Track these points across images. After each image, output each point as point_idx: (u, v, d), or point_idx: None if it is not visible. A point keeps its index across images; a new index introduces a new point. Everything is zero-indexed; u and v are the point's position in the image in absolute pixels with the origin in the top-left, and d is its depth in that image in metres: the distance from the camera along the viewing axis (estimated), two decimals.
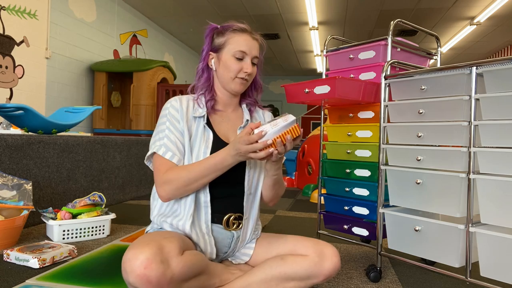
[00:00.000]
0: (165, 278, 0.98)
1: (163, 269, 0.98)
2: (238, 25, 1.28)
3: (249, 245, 1.33)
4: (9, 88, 3.84)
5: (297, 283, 1.19)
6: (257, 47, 1.29)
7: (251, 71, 1.26)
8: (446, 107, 1.30)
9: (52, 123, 2.53)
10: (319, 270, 1.18)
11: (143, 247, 0.99)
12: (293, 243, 1.25)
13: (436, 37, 1.83)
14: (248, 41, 1.26)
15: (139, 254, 0.97)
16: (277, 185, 1.29)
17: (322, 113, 1.89)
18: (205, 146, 1.22)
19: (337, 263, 1.20)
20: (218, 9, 6.01)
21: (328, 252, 1.20)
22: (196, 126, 1.25)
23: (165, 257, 1.00)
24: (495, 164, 1.15)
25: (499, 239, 1.13)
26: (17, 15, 3.87)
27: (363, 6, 5.71)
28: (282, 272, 1.18)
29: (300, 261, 1.19)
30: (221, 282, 1.20)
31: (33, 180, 2.21)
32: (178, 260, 1.02)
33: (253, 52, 1.26)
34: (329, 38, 1.87)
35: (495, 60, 1.16)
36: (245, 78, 1.26)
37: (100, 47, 5.28)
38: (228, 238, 1.26)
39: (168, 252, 1.01)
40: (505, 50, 7.90)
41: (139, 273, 0.95)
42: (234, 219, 1.26)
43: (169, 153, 1.19)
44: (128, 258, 0.98)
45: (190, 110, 1.27)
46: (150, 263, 0.96)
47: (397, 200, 1.47)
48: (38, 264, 1.52)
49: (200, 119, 1.26)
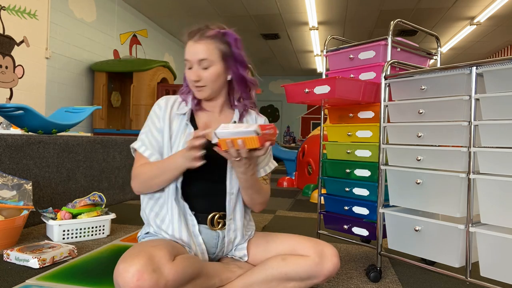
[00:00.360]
0: (159, 286, 0.97)
1: (156, 278, 0.97)
2: (189, 31, 1.25)
3: (242, 246, 1.32)
4: (9, 88, 3.84)
5: (298, 283, 1.20)
6: (202, 50, 1.20)
7: (194, 78, 1.22)
8: (446, 107, 1.30)
9: (52, 123, 2.53)
10: (319, 270, 1.18)
11: (133, 259, 0.98)
12: (293, 243, 1.25)
13: (436, 37, 1.83)
14: (189, 47, 1.22)
15: (129, 267, 0.96)
16: (250, 190, 1.24)
17: (322, 113, 1.89)
18: (183, 141, 1.23)
19: (337, 263, 1.20)
20: (218, 9, 6.01)
21: (329, 253, 1.20)
22: (178, 123, 1.27)
23: (156, 265, 0.99)
24: (495, 164, 1.15)
25: (499, 239, 1.13)
26: (17, 15, 3.87)
27: (363, 6, 5.71)
28: (283, 273, 1.18)
29: (301, 262, 1.19)
30: (221, 281, 1.20)
31: (33, 180, 2.21)
32: (170, 266, 1.02)
33: (195, 58, 1.21)
34: (329, 38, 1.87)
35: (495, 60, 1.16)
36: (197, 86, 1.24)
37: (100, 47, 5.28)
38: (214, 238, 1.26)
39: (159, 260, 1.01)
40: (505, 50, 7.90)
41: (132, 286, 0.95)
42: (219, 218, 1.25)
43: (143, 147, 1.25)
44: (119, 273, 0.97)
45: (174, 108, 1.29)
46: (142, 274, 0.95)
47: (397, 200, 1.47)
48: (38, 264, 1.52)
49: (184, 116, 1.28)
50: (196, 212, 1.25)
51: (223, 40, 1.23)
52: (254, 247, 1.32)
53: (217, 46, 1.22)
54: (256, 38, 7.63)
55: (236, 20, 6.51)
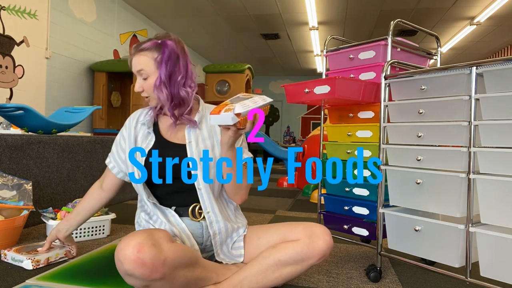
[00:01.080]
0: (159, 260, 1.00)
1: (155, 251, 1.01)
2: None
3: (237, 245, 1.34)
4: (9, 88, 3.84)
5: (293, 267, 1.21)
6: (138, 62, 1.27)
7: (136, 89, 1.30)
8: (446, 107, 1.30)
9: (52, 123, 2.53)
10: (312, 250, 1.20)
11: (133, 235, 1.03)
12: (284, 231, 1.28)
13: (436, 37, 1.83)
14: (131, 62, 1.31)
15: (130, 241, 1.00)
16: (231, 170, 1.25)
17: (322, 113, 1.89)
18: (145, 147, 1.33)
19: (329, 241, 1.22)
20: (218, 9, 6.01)
21: (319, 232, 1.22)
22: (142, 132, 1.36)
23: (156, 241, 1.04)
24: (495, 164, 1.15)
25: (499, 239, 1.13)
26: (17, 15, 3.87)
27: (363, 6, 5.71)
28: (276, 260, 1.21)
29: (292, 246, 1.21)
30: (218, 277, 1.22)
31: (33, 180, 2.21)
32: (170, 245, 1.06)
33: (134, 69, 1.29)
34: (329, 38, 1.88)
35: (495, 60, 1.16)
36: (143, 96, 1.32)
37: (100, 47, 5.28)
38: (198, 228, 1.31)
39: (158, 238, 1.06)
40: (505, 50, 7.90)
41: (133, 258, 0.98)
42: (200, 209, 1.31)
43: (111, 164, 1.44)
44: (120, 248, 1.01)
45: (140, 120, 1.39)
46: (142, 246, 0.99)
47: (397, 200, 1.47)
48: (32, 266, 1.50)
49: (144, 126, 1.36)
50: (176, 206, 1.31)
51: (158, 50, 1.26)
52: (247, 245, 1.34)
53: (152, 56, 1.26)
54: (256, 38, 7.63)
55: (236, 20, 6.52)
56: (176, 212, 1.31)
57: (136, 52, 1.27)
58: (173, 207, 1.32)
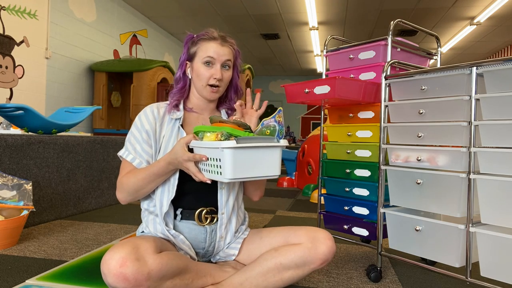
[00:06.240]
0: (142, 274, 1.00)
1: (138, 265, 1.00)
2: (208, 33, 1.31)
3: (234, 245, 1.34)
4: (9, 88, 3.84)
5: (295, 271, 1.21)
6: (228, 52, 1.31)
7: (220, 76, 1.28)
8: (446, 107, 1.30)
9: (52, 123, 2.53)
10: (314, 255, 1.19)
11: (118, 248, 1.02)
12: (286, 234, 1.27)
13: (436, 37, 1.83)
14: (215, 47, 1.29)
15: (114, 254, 1.00)
16: None
17: (322, 113, 1.89)
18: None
19: (331, 246, 1.22)
20: (218, 9, 6.01)
21: (321, 236, 1.22)
22: (171, 128, 1.30)
23: (141, 254, 1.03)
24: (495, 164, 1.15)
25: (499, 239, 1.13)
26: (17, 15, 3.87)
27: (363, 6, 5.71)
28: (277, 263, 1.20)
29: (294, 249, 1.20)
30: (214, 280, 1.22)
31: (33, 180, 2.21)
32: (155, 257, 1.05)
33: (222, 58, 1.29)
34: (329, 38, 1.88)
35: (495, 60, 1.16)
36: (216, 85, 1.29)
37: (100, 47, 5.29)
38: (201, 233, 1.28)
39: (144, 250, 1.04)
40: (505, 50, 7.90)
41: (115, 272, 0.98)
42: (206, 214, 1.28)
43: (130, 156, 1.26)
44: (104, 260, 1.01)
45: (164, 114, 1.32)
46: (125, 261, 0.99)
47: (397, 200, 1.47)
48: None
49: (176, 121, 1.31)
50: (183, 208, 1.28)
51: (235, 49, 1.35)
52: (248, 244, 1.33)
53: (233, 53, 1.34)
54: (256, 38, 7.63)
55: (236, 20, 6.52)
56: (182, 214, 1.28)
57: (226, 43, 1.31)
58: (180, 209, 1.29)
